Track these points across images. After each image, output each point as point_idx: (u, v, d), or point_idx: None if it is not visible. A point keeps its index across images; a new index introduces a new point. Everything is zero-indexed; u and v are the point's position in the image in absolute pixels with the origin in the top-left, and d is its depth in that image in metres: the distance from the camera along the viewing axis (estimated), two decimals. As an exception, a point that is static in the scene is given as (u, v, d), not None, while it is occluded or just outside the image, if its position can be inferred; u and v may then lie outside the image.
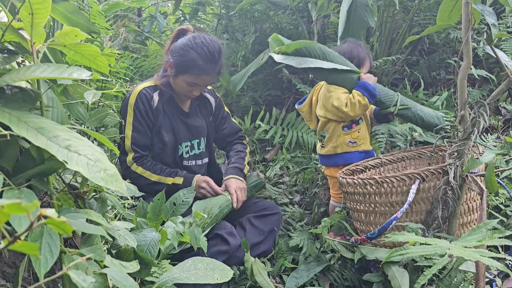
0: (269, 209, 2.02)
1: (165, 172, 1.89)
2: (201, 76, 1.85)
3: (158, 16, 3.65)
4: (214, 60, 1.85)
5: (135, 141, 1.87)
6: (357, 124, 2.01)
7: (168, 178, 1.88)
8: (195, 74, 1.84)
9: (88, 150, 0.80)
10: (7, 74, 0.85)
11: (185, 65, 1.83)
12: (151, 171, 1.87)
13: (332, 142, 2.02)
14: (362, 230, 1.74)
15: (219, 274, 1.04)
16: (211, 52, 1.83)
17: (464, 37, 1.38)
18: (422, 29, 2.97)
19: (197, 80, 1.86)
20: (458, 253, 0.99)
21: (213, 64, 1.85)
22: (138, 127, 1.88)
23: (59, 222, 0.48)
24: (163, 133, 1.93)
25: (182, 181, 1.88)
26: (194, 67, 1.82)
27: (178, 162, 1.99)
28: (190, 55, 1.82)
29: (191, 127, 2.03)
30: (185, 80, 1.86)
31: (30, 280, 1.05)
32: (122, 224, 1.10)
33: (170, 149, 1.96)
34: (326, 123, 2.03)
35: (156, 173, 1.87)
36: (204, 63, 1.82)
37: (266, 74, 3.64)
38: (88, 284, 0.59)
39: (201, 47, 1.82)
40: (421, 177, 1.54)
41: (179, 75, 1.86)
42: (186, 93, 1.92)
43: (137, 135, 1.87)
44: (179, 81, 1.88)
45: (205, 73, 1.85)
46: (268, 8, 3.51)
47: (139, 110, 1.87)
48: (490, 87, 2.96)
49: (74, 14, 1.26)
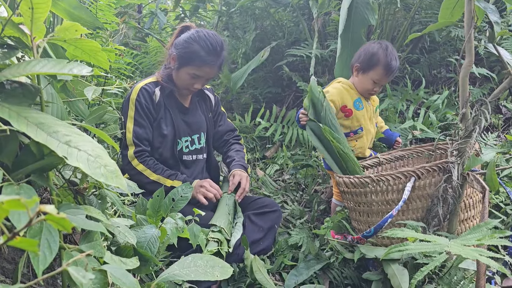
0: (269, 206, 2.02)
1: (165, 173, 1.89)
2: (203, 68, 1.88)
3: (159, 13, 3.64)
4: (216, 52, 1.89)
5: (137, 135, 1.88)
6: (355, 133, 2.01)
7: (168, 180, 1.88)
8: (197, 65, 1.87)
9: (88, 146, 0.79)
10: (7, 69, 0.84)
11: (188, 56, 1.87)
12: (151, 169, 1.88)
13: None
14: (360, 229, 1.74)
15: (219, 271, 1.04)
16: (213, 45, 1.87)
17: (466, 34, 1.38)
18: (423, 27, 2.96)
19: (199, 72, 1.89)
20: (456, 251, 0.98)
21: (215, 57, 1.89)
22: (140, 121, 1.89)
23: (58, 218, 0.48)
24: (162, 126, 1.95)
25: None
26: (197, 59, 1.86)
27: (178, 156, 2.00)
28: (193, 47, 1.86)
29: (191, 122, 2.05)
30: (188, 72, 1.89)
31: (29, 276, 1.04)
32: (122, 221, 1.10)
33: (169, 143, 1.97)
34: None
35: (156, 172, 1.88)
36: (206, 54, 1.86)
37: (266, 72, 3.63)
38: (88, 280, 0.59)
39: (204, 40, 1.87)
40: (417, 174, 1.54)
41: (182, 67, 1.90)
42: (188, 86, 1.94)
43: (139, 129, 1.89)
44: (181, 74, 1.91)
45: (207, 65, 1.88)
46: (269, 6, 3.50)
47: (140, 104, 1.89)
48: (491, 86, 2.96)
49: (77, 9, 1.25)
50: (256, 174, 2.83)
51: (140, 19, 4.15)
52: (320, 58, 3.06)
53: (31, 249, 0.50)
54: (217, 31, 3.83)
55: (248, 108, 3.41)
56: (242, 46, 3.46)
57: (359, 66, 2.03)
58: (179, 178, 1.90)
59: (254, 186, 2.68)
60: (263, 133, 3.15)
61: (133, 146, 1.87)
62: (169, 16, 4.50)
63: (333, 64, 3.04)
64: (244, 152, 2.25)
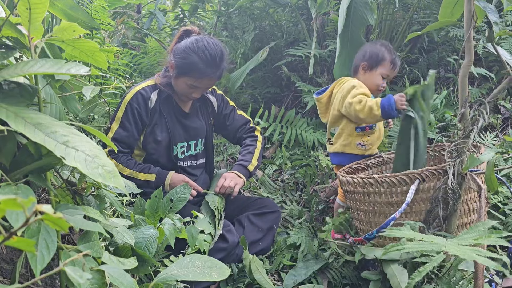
0: (268, 207, 2.02)
1: (138, 167, 1.85)
2: (202, 79, 1.84)
3: (158, 13, 3.63)
4: (215, 64, 1.83)
5: (118, 137, 1.84)
6: (371, 128, 2.01)
7: (140, 173, 1.84)
8: (195, 77, 1.82)
9: (86, 146, 0.79)
10: (5, 69, 0.84)
11: (186, 67, 1.82)
12: (124, 165, 1.83)
13: (342, 140, 2.01)
14: (362, 229, 1.74)
15: (216, 272, 1.04)
16: (212, 56, 1.81)
17: (466, 34, 1.38)
18: (421, 27, 2.96)
19: (197, 83, 1.84)
20: (453, 251, 0.98)
21: (214, 69, 1.83)
22: (126, 124, 1.85)
23: (55, 218, 0.48)
24: (157, 133, 1.91)
25: (155, 178, 1.85)
26: (195, 71, 1.81)
27: (174, 162, 1.97)
28: (191, 58, 1.80)
29: (189, 128, 2.01)
30: (186, 82, 1.85)
31: (27, 276, 1.04)
32: (120, 221, 1.10)
33: (164, 149, 1.94)
34: (338, 119, 2.01)
35: (129, 167, 1.83)
36: (205, 67, 1.81)
37: (265, 72, 3.63)
38: (85, 280, 0.59)
39: (203, 51, 1.80)
40: (421, 177, 1.52)
41: (180, 76, 1.85)
42: (187, 94, 1.90)
43: (122, 131, 1.85)
44: (180, 83, 1.87)
45: (206, 77, 1.83)
46: (267, 6, 3.50)
47: (131, 108, 1.86)
48: (490, 86, 2.96)
49: (73, 10, 1.25)
50: (255, 174, 2.83)
51: (139, 19, 4.15)
52: (319, 58, 3.06)
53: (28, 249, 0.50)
54: (216, 31, 3.83)
55: (247, 108, 3.41)
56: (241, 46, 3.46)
57: (367, 64, 2.03)
58: (152, 171, 1.86)
59: (253, 186, 2.68)
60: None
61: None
62: (168, 16, 4.49)
63: (332, 64, 3.04)
64: (255, 144, 2.18)
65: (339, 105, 1.97)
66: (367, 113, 1.82)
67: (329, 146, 2.12)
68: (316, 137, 2.95)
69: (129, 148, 1.89)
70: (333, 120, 2.04)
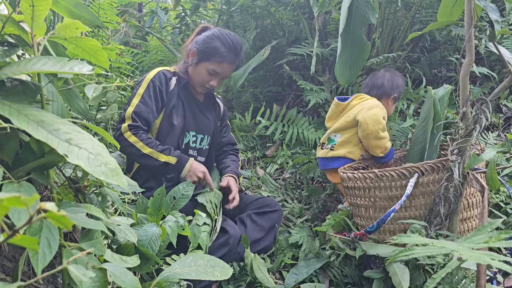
0: (270, 206, 2.02)
1: (159, 148, 1.80)
2: (222, 64, 1.90)
3: (159, 11, 3.63)
4: (236, 51, 1.92)
5: (139, 110, 1.80)
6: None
7: (161, 154, 1.78)
8: (216, 61, 1.89)
9: (89, 144, 0.79)
10: (8, 66, 0.84)
11: (209, 51, 1.89)
12: (144, 142, 1.77)
13: (347, 148, 2.06)
14: (363, 225, 1.74)
15: (219, 271, 1.04)
16: (234, 43, 1.91)
17: (466, 33, 1.37)
18: (423, 26, 2.96)
19: (218, 68, 1.90)
20: (467, 256, 0.97)
21: (235, 55, 1.92)
22: (147, 100, 1.83)
23: (58, 216, 0.47)
24: (174, 115, 1.90)
25: (176, 161, 1.80)
26: (217, 54, 1.89)
27: (184, 149, 1.95)
28: (215, 43, 1.89)
29: (200, 120, 2.02)
30: (206, 67, 1.91)
31: (30, 274, 1.04)
32: (122, 219, 1.10)
33: (177, 134, 1.92)
34: (348, 128, 2.06)
35: (149, 145, 1.77)
36: (227, 51, 1.89)
37: (267, 70, 3.63)
38: (88, 278, 0.59)
39: (226, 38, 1.90)
40: (420, 171, 1.54)
41: (201, 62, 1.91)
42: (204, 82, 1.94)
43: (143, 106, 1.82)
44: (199, 69, 1.92)
45: (226, 62, 1.90)
46: (269, 4, 3.50)
47: (154, 85, 1.87)
48: (491, 85, 2.96)
49: (77, 7, 1.25)
50: (257, 172, 2.82)
51: (140, 17, 4.14)
52: (321, 57, 3.06)
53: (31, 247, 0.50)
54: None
55: (248, 106, 3.40)
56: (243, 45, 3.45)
57: (397, 97, 2.19)
58: (173, 154, 1.81)
59: (254, 185, 2.68)
60: (263, 132, 3.15)
61: (130, 120, 1.78)
62: (170, 15, 4.49)
63: (333, 63, 3.03)
64: (239, 163, 2.22)
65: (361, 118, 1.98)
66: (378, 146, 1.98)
67: (323, 151, 2.14)
68: (317, 136, 2.95)
69: (147, 125, 1.84)
70: (342, 127, 2.07)
